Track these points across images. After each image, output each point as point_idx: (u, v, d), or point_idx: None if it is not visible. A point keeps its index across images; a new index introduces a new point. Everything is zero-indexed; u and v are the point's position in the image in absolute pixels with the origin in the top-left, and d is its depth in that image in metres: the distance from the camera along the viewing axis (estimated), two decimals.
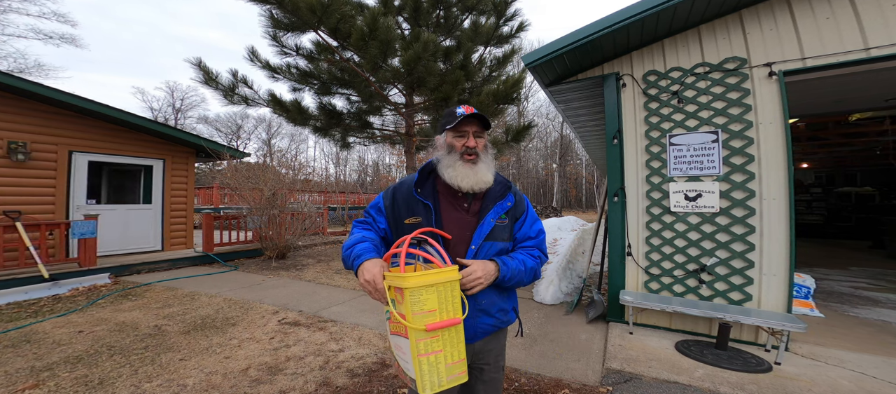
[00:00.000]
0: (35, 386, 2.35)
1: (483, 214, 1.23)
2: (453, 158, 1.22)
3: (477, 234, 1.21)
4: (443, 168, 1.24)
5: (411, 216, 1.23)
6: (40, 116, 5.74)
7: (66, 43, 21.09)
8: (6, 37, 22.83)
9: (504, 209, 1.26)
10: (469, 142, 1.22)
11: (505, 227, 1.26)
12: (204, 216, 7.20)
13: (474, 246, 1.19)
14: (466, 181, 1.20)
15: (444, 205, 1.24)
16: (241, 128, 38.81)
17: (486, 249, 1.21)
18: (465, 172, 1.21)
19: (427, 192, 1.25)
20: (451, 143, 1.24)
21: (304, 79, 5.55)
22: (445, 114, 1.29)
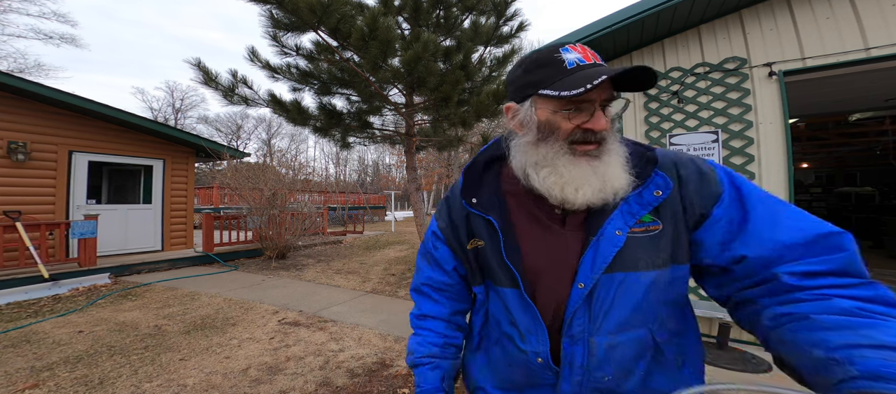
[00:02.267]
0: (35, 386, 2.35)
1: (595, 223, 0.65)
2: (552, 147, 0.64)
3: (586, 260, 0.63)
4: (526, 164, 0.67)
5: (473, 238, 0.76)
6: (40, 116, 5.74)
7: (66, 43, 21.12)
8: (6, 37, 22.86)
9: (647, 205, 0.64)
10: (594, 120, 0.62)
11: (657, 238, 0.64)
12: (204, 216, 7.20)
13: (584, 284, 0.63)
14: (584, 192, 0.62)
15: (520, 217, 0.72)
16: (241, 128, 38.83)
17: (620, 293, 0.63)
18: (581, 177, 0.62)
19: (487, 199, 0.74)
20: (549, 120, 0.64)
21: (304, 79, 5.55)
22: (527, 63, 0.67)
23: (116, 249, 6.59)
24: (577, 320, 0.64)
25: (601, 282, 0.63)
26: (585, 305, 0.64)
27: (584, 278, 0.63)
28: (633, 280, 0.63)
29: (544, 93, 0.61)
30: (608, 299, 0.63)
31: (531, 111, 0.66)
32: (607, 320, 0.64)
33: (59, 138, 5.96)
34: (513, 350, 0.71)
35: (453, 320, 0.86)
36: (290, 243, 7.23)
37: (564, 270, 0.66)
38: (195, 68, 4.87)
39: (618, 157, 0.65)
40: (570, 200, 0.63)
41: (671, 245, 0.64)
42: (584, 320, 0.64)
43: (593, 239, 0.64)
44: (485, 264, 0.75)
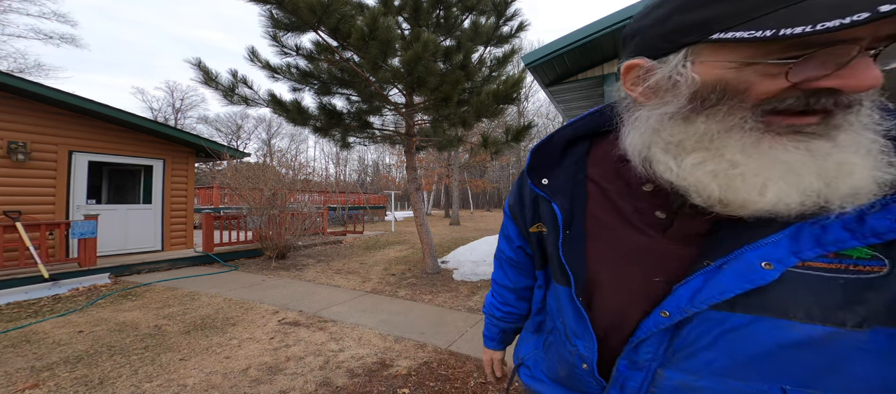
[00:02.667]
0: (35, 386, 2.35)
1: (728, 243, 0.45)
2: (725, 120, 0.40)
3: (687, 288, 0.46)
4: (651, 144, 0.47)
5: (537, 223, 0.68)
6: (40, 116, 5.75)
7: (66, 43, 21.13)
8: (6, 37, 22.87)
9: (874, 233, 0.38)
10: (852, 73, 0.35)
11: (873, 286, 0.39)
12: (204, 216, 7.21)
13: (670, 313, 0.47)
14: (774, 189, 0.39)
15: (599, 210, 0.57)
16: (241, 128, 38.86)
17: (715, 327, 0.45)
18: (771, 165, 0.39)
19: (562, 182, 0.61)
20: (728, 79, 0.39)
21: (304, 79, 5.55)
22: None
23: (116, 249, 6.59)
24: (646, 347, 0.50)
25: (701, 317, 0.45)
26: (664, 334, 0.49)
27: (674, 309, 0.46)
28: (767, 329, 0.42)
29: (740, 35, 0.36)
30: (705, 339, 0.45)
31: (683, 67, 0.42)
32: (696, 360, 0.47)
33: (59, 138, 5.97)
34: (562, 347, 0.65)
35: (521, 294, 0.86)
36: (290, 243, 7.23)
37: (644, 287, 0.51)
38: (195, 68, 4.87)
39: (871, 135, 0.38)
40: (737, 204, 0.41)
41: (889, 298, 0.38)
42: (656, 348, 0.49)
43: (711, 265, 0.44)
44: (546, 250, 0.66)
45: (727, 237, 0.45)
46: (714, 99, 0.40)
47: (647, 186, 0.52)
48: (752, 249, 0.42)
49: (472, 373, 2.59)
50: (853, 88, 0.36)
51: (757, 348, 0.43)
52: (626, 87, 0.50)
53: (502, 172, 42.23)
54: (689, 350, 0.47)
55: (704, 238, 0.48)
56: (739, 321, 0.43)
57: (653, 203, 0.52)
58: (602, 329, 0.56)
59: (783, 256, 0.41)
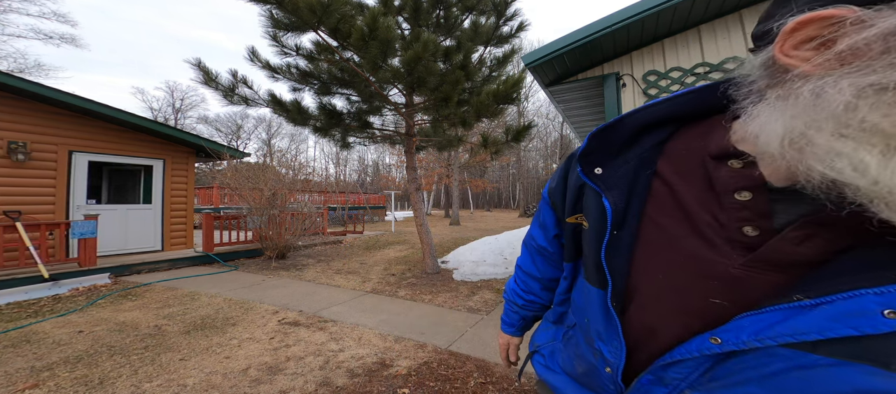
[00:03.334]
0: (35, 386, 2.35)
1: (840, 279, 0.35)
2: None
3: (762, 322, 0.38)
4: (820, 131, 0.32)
5: (577, 213, 0.63)
6: (40, 116, 5.75)
7: (66, 43, 21.14)
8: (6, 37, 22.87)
9: None
10: None
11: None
12: (204, 216, 7.21)
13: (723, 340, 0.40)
14: None
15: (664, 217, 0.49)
16: (241, 128, 38.87)
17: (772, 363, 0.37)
18: None
19: (621, 172, 0.53)
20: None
21: (304, 79, 5.55)
22: None
23: (116, 249, 6.59)
24: (680, 368, 0.45)
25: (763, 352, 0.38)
26: (706, 359, 0.43)
27: (731, 338, 0.40)
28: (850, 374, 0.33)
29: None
30: (757, 372, 0.39)
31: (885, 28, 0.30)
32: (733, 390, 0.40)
33: (59, 138, 5.97)
34: (584, 345, 0.61)
35: (547, 284, 0.84)
36: (290, 243, 7.24)
37: (704, 310, 0.44)
38: (195, 68, 4.87)
39: None
40: None
41: None
42: (691, 372, 0.44)
43: (805, 302, 0.36)
44: (578, 247, 0.63)
45: (843, 272, 0.35)
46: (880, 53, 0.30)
47: (743, 193, 0.42)
48: (876, 292, 0.32)
49: (472, 373, 2.59)
50: None
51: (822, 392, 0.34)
52: (786, 54, 0.36)
53: (502, 172, 42.20)
54: (730, 380, 0.41)
55: (805, 268, 0.38)
56: (814, 362, 0.35)
57: (742, 215, 0.42)
58: (632, 339, 0.51)
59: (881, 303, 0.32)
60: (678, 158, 0.49)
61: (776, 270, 0.40)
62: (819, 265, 0.38)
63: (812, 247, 0.38)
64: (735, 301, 0.42)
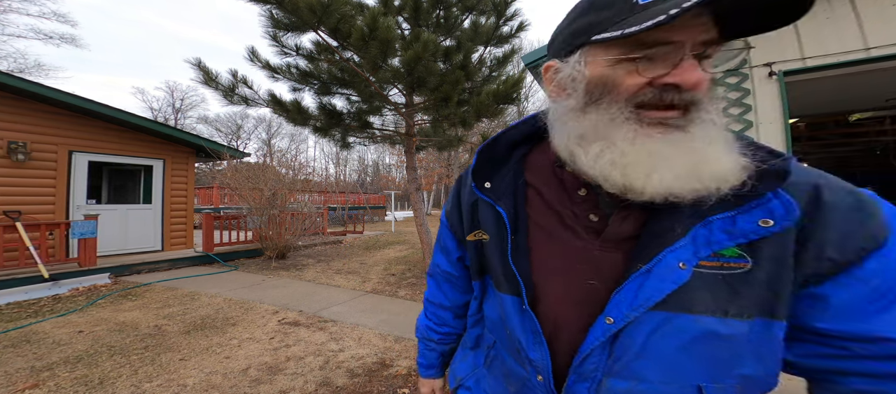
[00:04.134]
0: (35, 386, 2.35)
1: (649, 248, 0.47)
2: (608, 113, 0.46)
3: (626, 292, 0.47)
4: (569, 139, 0.51)
5: (476, 230, 0.65)
6: (40, 116, 5.75)
7: (66, 43, 21.14)
8: (6, 37, 22.87)
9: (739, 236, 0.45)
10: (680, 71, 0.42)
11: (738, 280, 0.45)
12: (204, 216, 7.21)
13: (614, 319, 0.47)
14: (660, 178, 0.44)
15: (540, 216, 0.58)
16: (241, 128, 38.86)
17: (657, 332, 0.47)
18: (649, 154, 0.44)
19: (505, 186, 0.60)
20: (604, 75, 0.46)
21: (304, 79, 5.55)
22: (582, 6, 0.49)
23: (116, 249, 6.59)
24: (592, 359, 0.50)
25: (638, 321, 0.47)
26: (608, 342, 0.49)
27: (617, 314, 0.47)
28: (682, 324, 0.45)
29: (601, 37, 0.44)
30: (640, 341, 0.47)
31: (580, 66, 0.48)
32: (633, 364, 0.48)
33: (59, 138, 5.97)
34: (511, 362, 0.61)
35: (458, 311, 0.82)
36: (290, 243, 7.24)
37: (589, 293, 0.51)
38: (195, 68, 4.87)
39: (718, 130, 0.45)
40: (637, 190, 0.44)
41: (761, 292, 0.44)
42: (602, 358, 0.50)
43: (643, 268, 0.46)
44: (488, 262, 0.63)
45: (650, 242, 0.47)
46: (599, 93, 0.47)
47: (581, 190, 0.54)
48: (671, 251, 0.45)
49: None
50: (685, 84, 0.42)
51: (680, 344, 0.46)
52: (548, 86, 0.55)
53: None
54: (629, 355, 0.48)
55: (633, 243, 0.50)
56: (664, 318, 0.46)
57: (586, 207, 0.54)
58: (548, 337, 0.55)
59: (689, 257, 0.45)
60: (537, 168, 0.61)
61: (617, 247, 0.50)
62: (638, 239, 0.49)
63: (631, 223, 0.50)
64: (604, 280, 0.50)
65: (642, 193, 0.45)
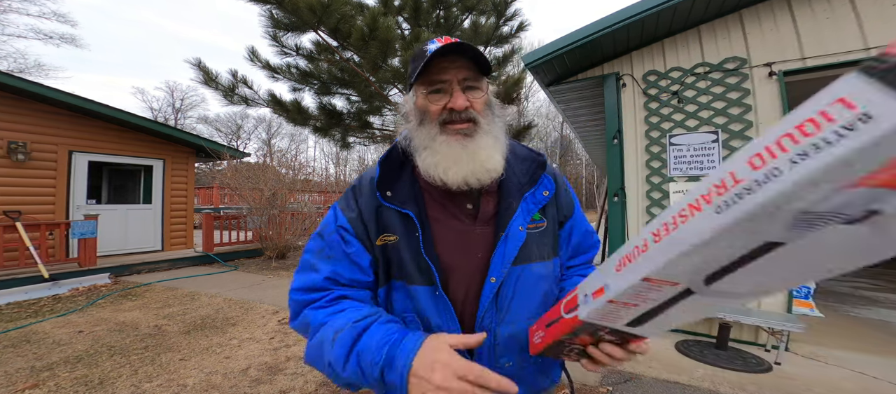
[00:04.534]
0: (35, 386, 2.35)
1: (504, 220, 0.70)
2: (429, 130, 0.69)
3: (498, 255, 0.68)
4: (417, 149, 0.71)
5: (383, 234, 0.71)
6: (40, 116, 5.75)
7: (66, 43, 21.11)
8: (6, 37, 22.83)
9: (538, 203, 0.73)
10: (453, 99, 0.67)
11: (544, 234, 0.74)
12: (204, 216, 7.21)
13: (496, 278, 0.67)
14: (456, 171, 0.66)
15: (435, 212, 0.72)
16: (241, 128, 38.83)
17: (522, 284, 0.70)
18: (452, 155, 0.67)
19: (403, 193, 0.72)
20: (422, 105, 0.70)
21: (304, 79, 5.54)
22: (412, 55, 0.73)
23: (116, 249, 6.59)
24: (487, 316, 0.69)
25: (511, 276, 0.69)
26: (494, 298, 0.69)
27: (496, 272, 0.68)
28: (529, 272, 0.71)
29: (412, 79, 0.70)
30: (511, 291, 0.70)
31: (414, 98, 0.73)
32: (510, 310, 0.70)
33: (59, 138, 5.96)
34: None
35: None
36: (290, 243, 7.23)
37: (476, 264, 0.70)
38: (195, 68, 4.87)
39: (491, 138, 0.70)
40: (448, 180, 0.67)
41: (551, 240, 0.76)
42: (492, 313, 0.69)
43: (502, 235, 0.69)
44: (396, 262, 0.70)
45: (503, 216, 0.71)
46: (422, 116, 0.71)
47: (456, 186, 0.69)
48: (514, 220, 0.70)
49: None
50: (457, 107, 0.67)
51: (530, 287, 0.71)
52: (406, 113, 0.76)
53: None
54: (507, 303, 0.69)
55: (495, 219, 0.72)
56: (519, 271, 0.70)
57: (462, 198, 0.73)
58: (458, 313, 0.69)
59: (523, 223, 0.71)
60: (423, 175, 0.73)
61: (487, 223, 0.72)
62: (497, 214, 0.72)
63: (491, 205, 0.74)
64: (484, 251, 0.70)
65: (450, 182, 0.67)
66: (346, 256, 0.71)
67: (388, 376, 0.55)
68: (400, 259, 0.69)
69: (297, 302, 0.71)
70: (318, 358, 0.63)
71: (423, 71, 0.66)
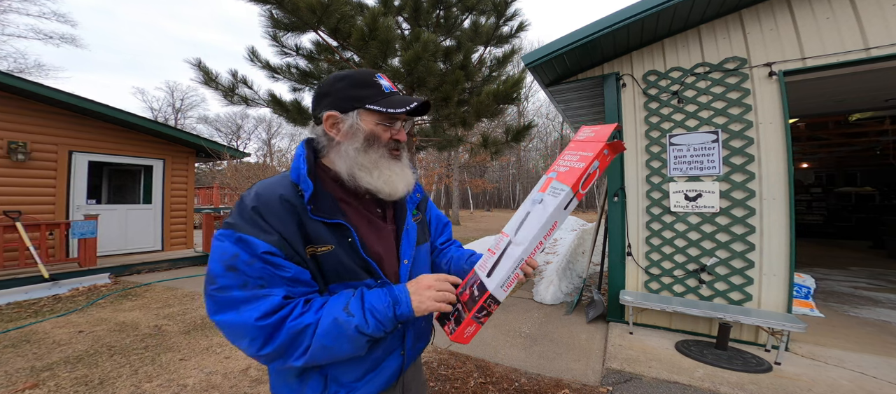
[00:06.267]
0: (35, 386, 2.35)
1: (401, 216, 0.93)
2: (377, 153, 0.82)
3: (405, 243, 0.90)
4: (354, 167, 0.81)
5: (312, 245, 0.75)
6: (40, 116, 5.75)
7: (66, 43, 21.09)
8: (6, 37, 22.84)
9: (414, 203, 0.98)
10: (401, 133, 0.86)
11: (421, 224, 1.00)
12: (204, 216, 7.21)
13: (407, 260, 0.89)
14: (403, 186, 0.86)
15: (356, 219, 0.83)
16: (241, 128, 38.82)
17: (419, 260, 0.95)
18: (400, 174, 0.86)
19: (325, 206, 0.78)
20: (373, 131, 0.81)
21: (304, 79, 5.54)
22: (350, 80, 0.82)
23: (116, 249, 6.59)
24: None
25: (417, 257, 0.94)
26: (408, 274, 0.89)
27: (407, 256, 0.90)
28: (422, 251, 0.98)
29: (373, 107, 0.80)
30: (418, 267, 0.94)
31: (358, 122, 0.81)
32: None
33: (59, 138, 5.96)
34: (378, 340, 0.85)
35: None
36: None
37: (393, 252, 0.90)
38: (195, 68, 4.87)
39: (407, 162, 0.92)
40: (396, 194, 0.86)
41: (425, 228, 1.04)
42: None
43: (404, 227, 0.92)
44: (332, 268, 0.77)
45: (400, 215, 0.94)
46: (372, 141, 0.82)
47: (367, 195, 0.86)
48: (408, 216, 0.94)
49: (472, 373, 2.59)
50: (402, 139, 0.87)
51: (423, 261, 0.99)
52: (327, 128, 0.83)
53: (502, 172, 42.18)
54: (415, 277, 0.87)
55: (394, 217, 0.93)
56: (420, 251, 0.97)
57: (372, 204, 0.89)
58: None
59: (410, 217, 0.95)
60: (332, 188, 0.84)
61: (393, 222, 0.93)
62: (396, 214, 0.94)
63: (392, 208, 0.94)
64: (396, 242, 0.91)
65: (396, 195, 0.86)
66: (285, 282, 0.71)
67: (399, 310, 0.76)
68: (337, 264, 0.78)
69: (268, 326, 0.67)
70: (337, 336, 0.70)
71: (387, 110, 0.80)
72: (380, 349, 0.85)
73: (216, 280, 0.69)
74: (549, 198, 0.79)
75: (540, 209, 0.79)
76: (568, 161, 0.83)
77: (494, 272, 0.80)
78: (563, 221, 0.78)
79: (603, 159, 0.78)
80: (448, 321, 0.84)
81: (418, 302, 0.77)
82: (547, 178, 0.85)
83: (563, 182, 0.78)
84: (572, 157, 0.83)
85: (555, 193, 0.78)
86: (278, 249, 0.70)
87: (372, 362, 0.84)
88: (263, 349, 0.68)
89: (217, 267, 0.69)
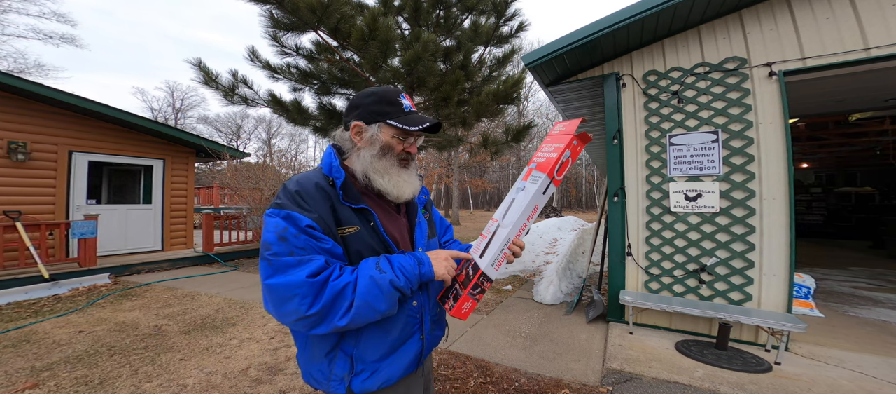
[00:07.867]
0: (35, 386, 2.35)
1: (413, 212, 1.08)
2: (389, 161, 0.97)
3: (418, 235, 1.05)
4: (369, 170, 0.97)
5: (342, 227, 0.91)
6: (40, 116, 5.75)
7: (66, 43, 21.08)
8: (6, 37, 22.83)
9: (422, 203, 1.13)
10: (413, 147, 1.01)
11: (429, 222, 1.15)
12: (204, 216, 7.21)
13: (421, 247, 1.04)
14: (408, 190, 1.00)
15: (375, 207, 0.99)
16: (241, 128, 38.81)
17: (427, 250, 1.07)
18: (407, 180, 1.00)
19: (354, 194, 0.94)
20: (389, 142, 0.96)
21: (304, 79, 5.55)
22: (377, 97, 0.98)
23: (116, 249, 6.59)
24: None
25: (426, 245, 1.06)
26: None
27: (421, 244, 1.05)
28: (432, 244, 1.11)
29: (392, 123, 0.94)
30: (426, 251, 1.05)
31: (378, 133, 0.97)
32: None
33: (59, 138, 5.96)
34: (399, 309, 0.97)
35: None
36: None
37: (407, 240, 1.04)
38: (196, 68, 4.87)
39: (415, 169, 1.07)
40: (402, 197, 1.00)
41: (433, 226, 1.17)
42: None
43: (416, 221, 1.07)
44: (356, 247, 0.92)
45: (412, 211, 1.08)
46: (387, 151, 0.97)
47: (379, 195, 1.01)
48: (419, 212, 1.10)
49: (472, 373, 2.59)
50: (413, 152, 1.02)
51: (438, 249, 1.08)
52: (353, 135, 0.99)
53: (502, 172, 42.17)
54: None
55: (407, 212, 1.08)
56: (433, 244, 1.12)
57: (387, 201, 1.02)
58: None
59: (422, 213, 1.11)
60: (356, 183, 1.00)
61: (406, 216, 1.08)
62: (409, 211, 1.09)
63: (404, 205, 1.08)
64: (410, 231, 1.06)
65: (402, 198, 1.01)
66: (324, 252, 0.85)
67: (423, 269, 0.92)
68: (361, 244, 0.92)
69: (316, 283, 0.80)
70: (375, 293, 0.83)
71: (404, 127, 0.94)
72: (398, 329, 0.96)
73: (271, 246, 0.82)
74: (530, 185, 0.90)
75: (523, 195, 0.90)
76: (545, 153, 0.93)
77: (486, 253, 0.92)
78: (542, 204, 0.90)
79: (574, 149, 0.89)
80: (448, 299, 0.97)
81: (437, 266, 0.93)
82: (528, 168, 0.96)
83: (540, 171, 0.89)
84: (548, 148, 0.93)
85: (534, 181, 0.89)
86: (319, 226, 0.86)
87: (393, 343, 0.96)
88: (312, 308, 0.79)
89: (271, 236, 0.83)
